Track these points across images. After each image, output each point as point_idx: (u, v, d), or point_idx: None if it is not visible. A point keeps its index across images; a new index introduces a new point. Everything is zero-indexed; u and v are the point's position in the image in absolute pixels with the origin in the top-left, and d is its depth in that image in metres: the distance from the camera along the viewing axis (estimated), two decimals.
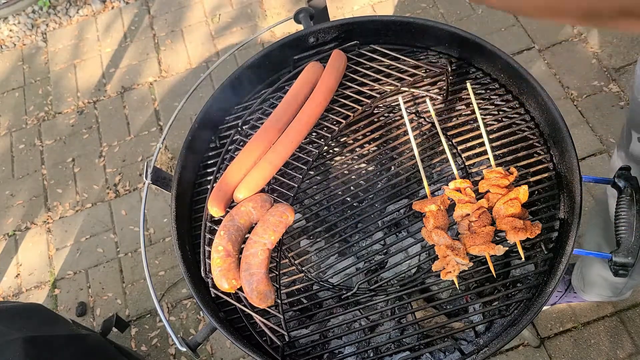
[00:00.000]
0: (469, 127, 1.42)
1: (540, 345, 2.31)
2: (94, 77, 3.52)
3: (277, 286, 1.29)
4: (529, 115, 1.41)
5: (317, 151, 1.43)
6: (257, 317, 1.25)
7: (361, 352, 1.32)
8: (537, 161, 1.36)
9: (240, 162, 1.36)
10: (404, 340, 1.48)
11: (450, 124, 1.47)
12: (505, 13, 3.20)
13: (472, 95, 1.36)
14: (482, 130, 1.32)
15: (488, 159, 1.31)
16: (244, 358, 2.50)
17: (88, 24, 3.78)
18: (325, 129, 1.47)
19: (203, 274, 1.32)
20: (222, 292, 1.28)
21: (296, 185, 1.38)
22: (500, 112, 1.47)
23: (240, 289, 1.26)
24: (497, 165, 1.30)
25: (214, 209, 1.32)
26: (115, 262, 2.85)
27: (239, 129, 1.51)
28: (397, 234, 1.62)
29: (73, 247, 2.93)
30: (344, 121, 1.45)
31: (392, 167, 1.48)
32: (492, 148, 1.32)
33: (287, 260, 1.39)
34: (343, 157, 1.54)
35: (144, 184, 1.47)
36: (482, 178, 1.28)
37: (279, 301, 1.27)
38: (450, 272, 1.19)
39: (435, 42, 1.54)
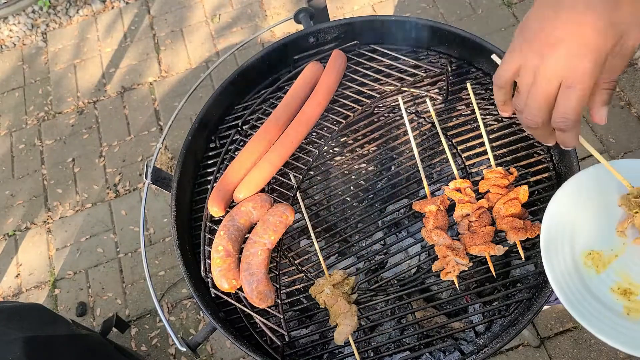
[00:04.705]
0: (469, 127, 1.42)
1: (540, 345, 2.31)
2: (94, 77, 3.52)
3: (277, 286, 1.29)
4: None
5: (317, 151, 1.43)
6: (257, 317, 1.26)
7: (361, 352, 1.32)
8: (537, 161, 1.36)
9: (240, 162, 1.36)
10: (404, 340, 1.47)
11: (450, 124, 1.47)
12: (505, 12, 3.20)
13: (472, 95, 1.36)
14: (482, 130, 1.32)
15: (488, 159, 1.31)
16: (244, 358, 2.49)
17: (88, 24, 3.78)
18: (325, 129, 1.47)
19: (203, 274, 1.32)
20: (222, 292, 1.28)
21: (296, 185, 1.38)
22: None
23: (240, 289, 1.26)
24: (497, 165, 1.30)
25: (214, 209, 1.32)
26: (115, 262, 2.85)
27: (239, 129, 1.51)
28: (397, 234, 1.62)
29: (73, 247, 2.93)
30: (344, 121, 1.45)
31: (392, 167, 1.48)
32: (492, 148, 1.32)
33: (287, 260, 1.39)
34: (343, 157, 1.54)
35: (144, 184, 1.47)
36: (482, 178, 1.28)
37: (279, 301, 1.27)
38: (450, 272, 1.19)
39: (435, 42, 1.54)
